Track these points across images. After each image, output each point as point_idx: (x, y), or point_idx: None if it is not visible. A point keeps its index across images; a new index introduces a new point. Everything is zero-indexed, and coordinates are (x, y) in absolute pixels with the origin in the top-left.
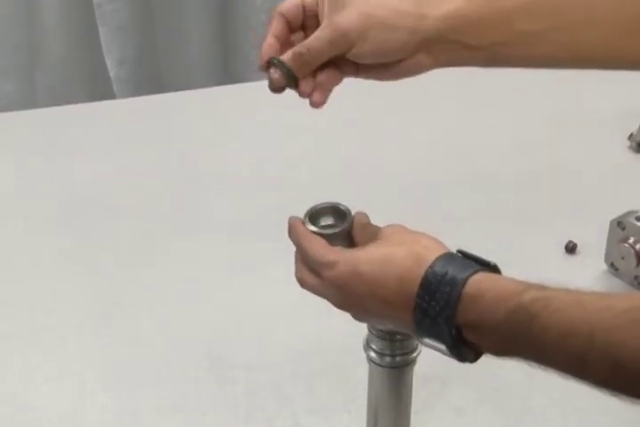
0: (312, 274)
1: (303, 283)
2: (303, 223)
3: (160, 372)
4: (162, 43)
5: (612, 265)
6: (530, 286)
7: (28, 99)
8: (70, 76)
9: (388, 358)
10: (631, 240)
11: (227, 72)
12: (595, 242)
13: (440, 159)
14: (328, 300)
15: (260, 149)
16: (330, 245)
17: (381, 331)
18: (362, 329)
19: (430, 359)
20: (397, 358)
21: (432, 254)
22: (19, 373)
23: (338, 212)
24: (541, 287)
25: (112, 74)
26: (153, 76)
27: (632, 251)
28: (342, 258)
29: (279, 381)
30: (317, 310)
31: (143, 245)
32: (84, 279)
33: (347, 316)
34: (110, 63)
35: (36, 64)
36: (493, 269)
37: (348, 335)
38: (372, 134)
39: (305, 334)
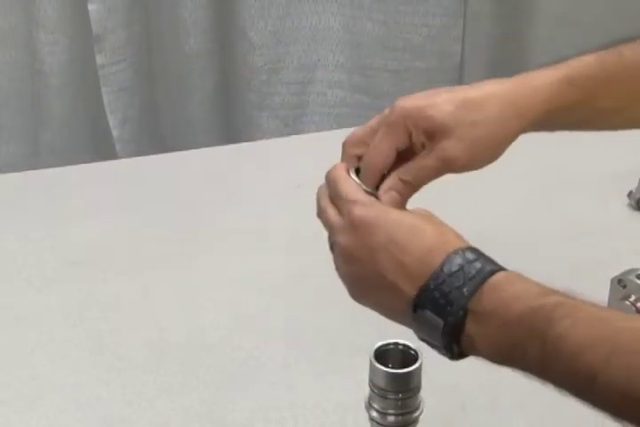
0: (336, 212)
1: (325, 219)
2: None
3: None
4: (164, 103)
5: None
6: (556, 291)
7: (31, 159)
8: (73, 136)
9: (390, 418)
10: (632, 298)
11: (228, 132)
12: (596, 300)
13: None
14: (340, 242)
15: (262, 208)
16: None
17: (383, 389)
18: (363, 388)
19: (433, 420)
20: (399, 418)
21: (462, 243)
22: None
23: None
24: (568, 295)
25: (114, 134)
26: (155, 136)
27: (633, 309)
28: (377, 206)
29: None
30: (317, 369)
31: (144, 305)
32: (85, 343)
33: (348, 376)
34: (113, 123)
35: (38, 124)
36: None
37: (349, 395)
38: None
39: (305, 393)
